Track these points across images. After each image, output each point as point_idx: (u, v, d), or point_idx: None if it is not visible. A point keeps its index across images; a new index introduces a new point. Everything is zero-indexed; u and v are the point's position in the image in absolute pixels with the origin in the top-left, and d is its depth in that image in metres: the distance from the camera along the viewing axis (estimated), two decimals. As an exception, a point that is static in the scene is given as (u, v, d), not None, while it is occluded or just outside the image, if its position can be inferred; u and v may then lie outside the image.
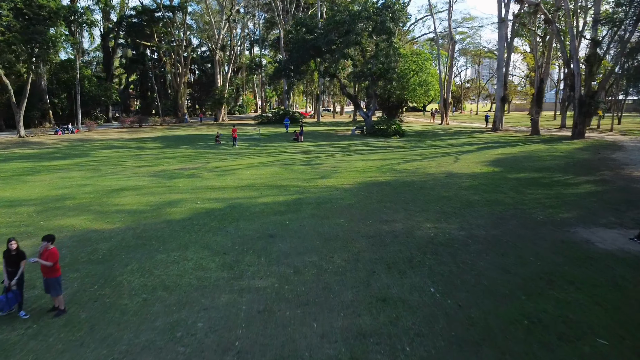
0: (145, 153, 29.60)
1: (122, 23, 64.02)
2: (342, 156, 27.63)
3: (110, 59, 68.75)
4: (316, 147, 32.80)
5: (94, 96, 61.37)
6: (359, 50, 43.27)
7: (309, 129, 50.80)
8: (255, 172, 21.71)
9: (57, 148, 33.11)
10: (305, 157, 26.96)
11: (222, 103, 68.46)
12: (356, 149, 31.69)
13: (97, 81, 63.94)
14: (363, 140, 38.12)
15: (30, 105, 53.92)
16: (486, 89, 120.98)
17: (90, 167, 23.86)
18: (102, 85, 62.92)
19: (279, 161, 25.37)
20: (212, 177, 20.39)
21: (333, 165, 23.72)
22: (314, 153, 29.17)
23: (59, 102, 57.69)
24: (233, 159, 26.58)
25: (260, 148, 32.04)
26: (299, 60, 40.97)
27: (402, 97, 58.88)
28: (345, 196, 16.22)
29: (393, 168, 22.87)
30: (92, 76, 63.76)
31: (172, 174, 21.35)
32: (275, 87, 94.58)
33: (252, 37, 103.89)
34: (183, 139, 39.65)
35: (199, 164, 24.43)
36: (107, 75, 68.82)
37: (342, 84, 43.74)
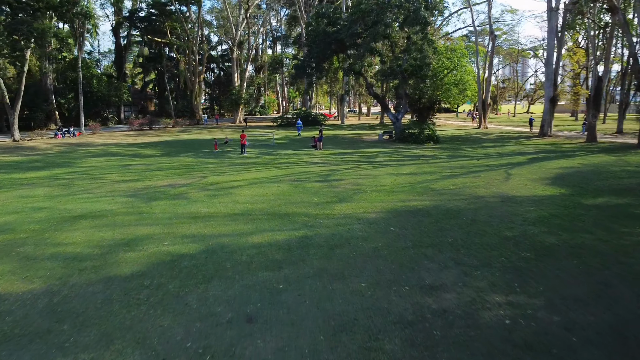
0: (138, 162, 26.10)
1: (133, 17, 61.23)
2: (367, 168, 23.50)
3: (122, 57, 66.35)
4: (337, 156, 28.74)
5: (103, 96, 58.86)
6: (387, 44, 39.04)
7: (331, 133, 46.80)
8: (257, 191, 17.79)
9: (44, 155, 30.01)
10: (322, 170, 22.93)
11: (239, 104, 65.14)
12: (384, 158, 27.49)
13: (107, 80, 61.46)
14: (392, 147, 33.87)
15: (34, 106, 51.76)
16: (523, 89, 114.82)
17: (64, 181, 20.40)
18: (113, 85, 60.35)
19: (290, 175, 21.41)
20: (202, 198, 16.56)
21: (355, 182, 19.62)
22: (333, 164, 25.11)
23: (66, 102, 55.32)
24: (236, 172, 22.75)
25: (272, 157, 28.17)
26: (320, 56, 37.03)
27: (435, 97, 54.34)
28: (369, 233, 12.10)
29: (430, 187, 18.61)
30: (102, 75, 61.31)
31: (155, 193, 17.62)
32: (298, 86, 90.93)
33: (274, 34, 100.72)
34: (188, 144, 36.18)
35: (193, 179, 20.68)
36: (119, 74, 66.42)
37: (368, 83, 39.52)
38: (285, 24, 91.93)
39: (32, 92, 52.44)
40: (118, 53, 66.02)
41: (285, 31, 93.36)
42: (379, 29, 32.86)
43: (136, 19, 61.56)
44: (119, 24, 62.75)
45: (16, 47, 31.87)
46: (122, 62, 66.70)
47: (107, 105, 62.43)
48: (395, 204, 15.50)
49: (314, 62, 38.63)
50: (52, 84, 54.26)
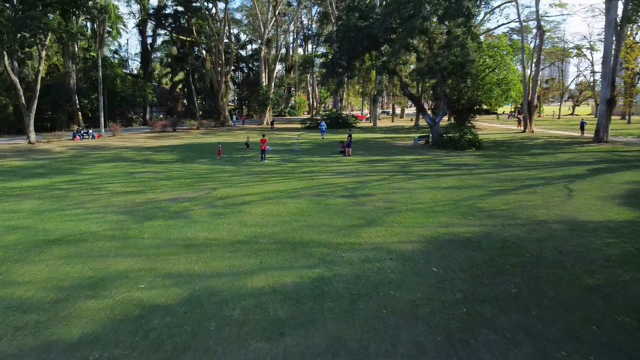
0: (147, 170, 24.09)
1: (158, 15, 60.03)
2: (401, 180, 20.71)
3: (148, 56, 65.40)
4: (367, 164, 26.02)
5: (127, 96, 57.86)
6: (424, 40, 36.10)
7: (362, 137, 44.08)
8: (271, 209, 15.32)
9: (52, 160, 28.46)
10: (349, 182, 20.28)
11: (266, 105, 63.15)
12: (420, 168, 24.62)
13: (132, 80, 60.50)
14: (429, 153, 30.89)
15: (56, 106, 51.07)
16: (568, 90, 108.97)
17: (59, 192, 18.46)
18: (137, 85, 59.30)
19: (311, 188, 18.85)
20: (204, 218, 14.21)
21: (387, 198, 16.90)
22: (362, 174, 22.42)
23: (89, 102, 54.48)
24: (251, 183, 20.36)
25: (294, 165, 25.69)
26: (351, 53, 34.42)
27: (475, 98, 50.85)
28: (404, 275, 9.43)
29: (477, 206, 15.73)
30: (127, 75, 60.40)
31: (154, 209, 15.39)
32: (329, 87, 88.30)
33: (306, 33, 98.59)
34: (207, 149, 34.15)
35: (202, 191, 18.39)
36: (145, 74, 65.50)
37: (403, 82, 36.61)
38: (316, 22, 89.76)
39: (54, 92, 51.87)
40: (144, 52, 65.14)
41: (317, 29, 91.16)
42: (416, 23, 29.98)
43: (161, 16, 60.31)
44: (144, 22, 61.79)
45: (24, 44, 30.49)
46: (148, 62, 65.77)
47: (132, 105, 61.46)
48: (436, 230, 12.73)
49: (344, 60, 36.03)
50: (75, 84, 53.46)
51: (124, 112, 62.51)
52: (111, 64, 57.32)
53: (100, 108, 45.83)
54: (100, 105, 45.85)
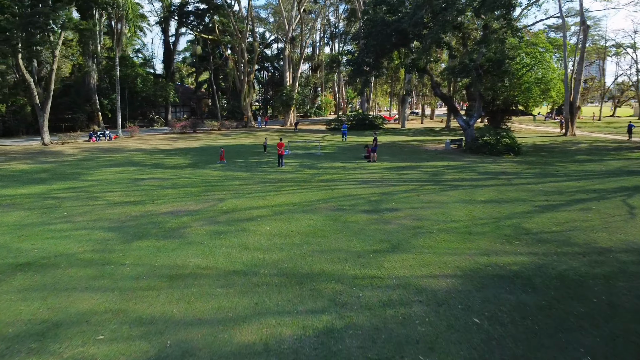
0: (154, 176, 22.54)
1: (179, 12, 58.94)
2: (432, 191, 18.50)
3: (170, 55, 64.53)
4: (393, 171, 23.84)
5: (147, 96, 57.06)
6: (458, 36, 33.68)
7: (389, 139, 41.83)
8: (281, 227, 13.40)
9: (59, 163, 27.29)
10: (372, 193, 18.17)
11: (290, 105, 61.40)
12: (453, 176, 22.30)
13: (153, 80, 59.70)
14: (462, 159, 28.48)
15: (75, 107, 50.50)
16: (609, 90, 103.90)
17: (52, 202, 16.99)
18: (158, 85, 58.44)
19: (330, 201, 16.84)
20: (202, 237, 12.38)
21: (415, 214, 14.76)
22: (388, 184, 20.26)
23: (109, 102, 53.81)
24: (264, 193, 18.47)
25: (314, 172, 23.72)
26: (378, 50, 32.25)
27: (511, 98, 47.95)
28: (438, 331, 7.36)
29: (522, 226, 13.46)
30: (148, 74, 59.62)
31: (148, 225, 13.67)
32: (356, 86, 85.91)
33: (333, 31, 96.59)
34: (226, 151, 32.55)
35: (207, 203, 16.62)
36: (167, 73, 64.68)
37: (434, 82, 34.18)
38: (344, 19, 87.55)
39: (74, 92, 51.39)
40: (166, 51, 64.26)
41: (344, 27, 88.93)
42: (449, 16, 27.65)
43: (183, 14, 59.19)
44: (166, 20, 60.91)
45: (32, 41, 29.38)
46: (170, 61, 64.88)
47: (153, 106, 60.70)
48: (476, 260, 10.57)
49: (371, 57, 33.89)
50: (95, 84, 52.87)
51: (145, 112, 61.86)
52: (132, 64, 56.58)
53: (118, 108, 44.89)
54: (118, 105, 44.92)
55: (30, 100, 37.30)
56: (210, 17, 58.37)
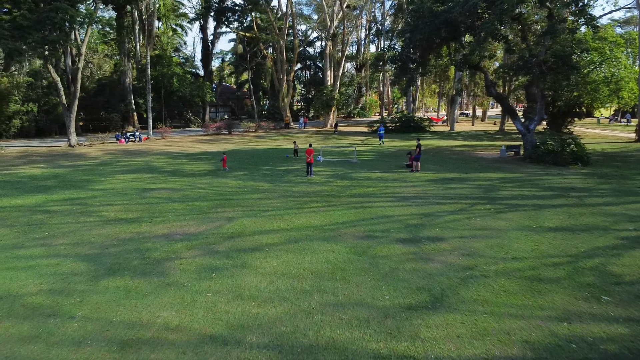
0: (166, 185, 20.41)
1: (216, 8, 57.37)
2: (486, 213, 15.31)
3: (208, 54, 63.34)
4: (439, 184, 20.65)
5: (184, 96, 55.90)
6: (516, 28, 29.98)
7: (436, 144, 38.42)
8: (291, 262, 10.73)
9: (74, 168, 25.80)
10: (412, 215, 15.18)
11: (330, 105, 58.77)
12: (511, 193, 18.92)
13: (190, 79, 58.55)
14: (521, 170, 24.88)
15: (110, 107, 49.86)
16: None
17: (40, 217, 15.06)
18: (195, 84, 57.20)
19: (358, 224, 14.00)
20: (187, 277, 9.88)
21: (465, 247, 11.73)
22: (431, 201, 17.17)
23: (144, 102, 52.97)
24: (282, 210, 15.83)
25: (345, 184, 20.86)
26: (424, 44, 29.09)
27: (575, 99, 43.45)
28: None
29: (608, 270, 10.23)
30: (186, 73, 58.50)
31: (131, 253, 11.36)
32: (401, 86, 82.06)
33: (379, 28, 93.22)
34: (254, 156, 30.39)
35: (213, 222, 14.17)
36: (205, 73, 63.55)
37: (488, 80, 30.49)
38: (390, 16, 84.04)
39: (108, 91, 50.81)
40: (204, 50, 63.12)
41: (390, 24, 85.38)
42: (508, 5, 24.15)
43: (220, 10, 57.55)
44: (204, 18, 59.61)
45: (47, 38, 28.02)
46: (209, 60, 63.69)
47: (190, 106, 59.58)
48: (551, 330, 7.54)
49: (417, 53, 30.77)
50: (131, 83, 52.11)
51: (182, 112, 60.90)
52: (169, 62, 55.57)
53: (149, 109, 43.65)
54: (149, 105, 43.68)
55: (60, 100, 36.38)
56: (248, 13, 56.55)
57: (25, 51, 27.98)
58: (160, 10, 41.87)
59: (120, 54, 52.04)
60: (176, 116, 61.11)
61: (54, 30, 27.48)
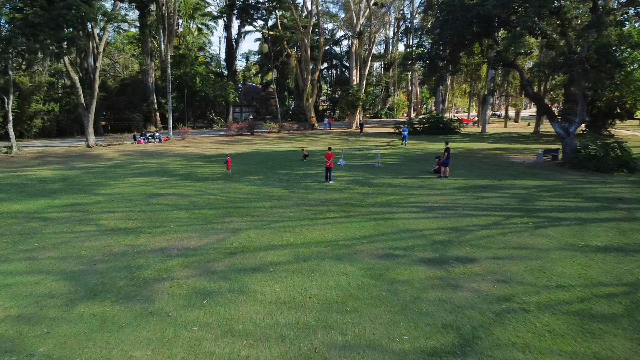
0: (175, 191, 19.33)
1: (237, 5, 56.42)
2: (523, 227, 13.59)
3: (232, 54, 62.66)
4: (470, 192, 18.92)
5: (206, 96, 55.26)
6: (555, 23, 27.93)
7: (467, 146, 36.50)
8: (296, 287, 9.37)
9: (85, 171, 25.11)
10: (439, 229, 13.60)
11: (356, 105, 57.22)
12: (551, 203, 17.08)
13: (214, 79, 57.89)
14: (560, 177, 22.89)
15: (132, 107, 49.55)
16: None
17: (34, 225, 14.12)
18: (218, 84, 56.51)
19: (377, 239, 12.52)
20: (174, 304, 8.62)
21: (499, 272, 10.14)
22: (460, 212, 15.52)
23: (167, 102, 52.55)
24: (294, 222, 14.46)
25: (367, 191, 19.35)
26: (455, 41, 27.34)
27: (615, 99, 40.77)
28: None
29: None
30: (209, 73, 57.86)
31: (119, 270, 10.22)
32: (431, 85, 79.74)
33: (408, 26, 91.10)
34: (272, 159, 29.23)
35: (217, 234, 12.93)
36: (229, 72, 62.87)
37: (524, 79, 28.40)
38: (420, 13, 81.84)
39: (130, 91, 50.51)
40: (228, 49, 62.45)
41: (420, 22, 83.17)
42: (547, -2, 22.26)
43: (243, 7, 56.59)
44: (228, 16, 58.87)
45: (59, 36, 27.27)
46: (232, 59, 63.01)
47: (212, 106, 58.95)
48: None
49: (447, 50, 29.03)
50: (153, 83, 51.70)
51: (205, 112, 60.37)
52: (192, 62, 54.99)
53: (169, 109, 42.99)
54: (169, 105, 43.01)
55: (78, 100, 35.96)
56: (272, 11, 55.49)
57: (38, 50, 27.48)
58: (181, 8, 41.17)
59: (143, 53, 51.72)
60: (199, 116, 60.63)
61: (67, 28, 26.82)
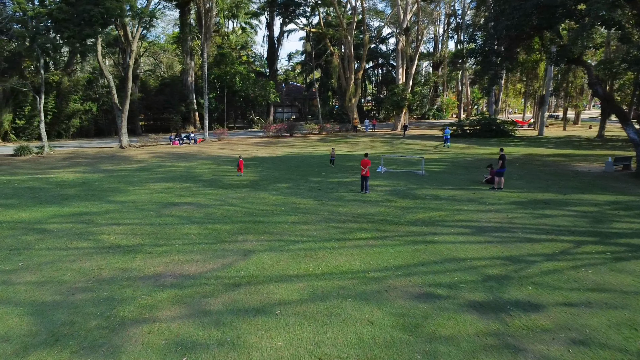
0: (193, 200, 17.70)
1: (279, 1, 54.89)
2: (598, 259, 10.95)
3: (274, 52, 61.37)
4: (528, 209, 16.22)
5: (246, 96, 54.15)
6: (630, 12, 24.62)
7: (524, 152, 33.38)
8: (304, 342, 7.32)
9: (109, 174, 24.09)
10: (491, 258, 11.18)
11: (401, 106, 54.55)
12: (630, 225, 14.16)
13: (254, 78, 56.72)
14: (637, 191, 19.71)
15: (170, 106, 49.02)
16: None
17: (31, 237, 12.81)
18: (258, 83, 55.29)
19: (414, 272, 10.27)
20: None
21: (573, 322, 7.74)
22: (519, 236, 12.94)
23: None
24: (317, 244, 12.38)
25: (408, 204, 17.00)
26: (512, 33, 24.54)
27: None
28: None
29: None
30: (249, 72, 56.72)
31: (101, 303, 8.54)
32: (482, 85, 75.72)
33: (459, 22, 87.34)
34: (307, 164, 27.44)
35: (223, 259, 11.08)
36: (270, 71, 61.63)
37: (592, 77, 25.08)
38: (472, 9, 78.01)
39: (168, 91, 50.01)
40: (270, 48, 61.21)
41: (471, 19, 79.25)
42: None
43: (284, 3, 54.94)
44: (269, 12, 57.56)
45: (84, 33, 26.29)
46: (274, 58, 61.73)
47: (253, 106, 57.82)
48: None
49: (503, 44, 26.24)
50: (193, 82, 51.01)
51: (245, 112, 59.38)
52: (232, 61, 53.97)
53: (205, 109, 41.90)
54: (205, 106, 41.93)
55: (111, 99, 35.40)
56: (315, 8, 53.73)
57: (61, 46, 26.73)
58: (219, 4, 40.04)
59: (183, 52, 51.15)
60: (239, 116, 59.73)
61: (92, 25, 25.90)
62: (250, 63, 68.12)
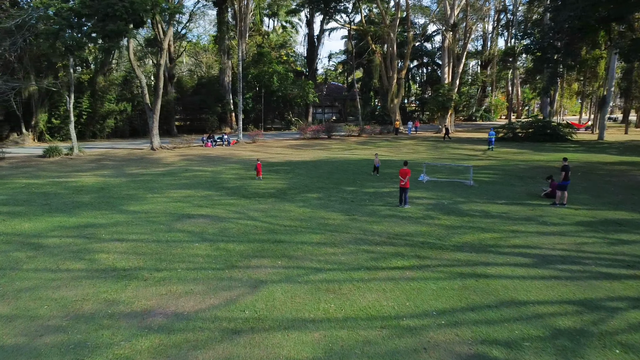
0: (210, 212, 16.08)
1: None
2: None
3: (314, 51, 59.79)
4: (600, 232, 13.63)
5: (284, 96, 52.76)
6: None
7: (584, 158, 30.24)
8: None
9: (131, 178, 23.01)
10: (561, 301, 8.90)
11: (447, 107, 51.72)
12: None
13: (293, 78, 55.28)
14: None
15: (205, 107, 48.20)
16: None
17: (22, 254, 11.56)
18: (296, 83, 53.81)
19: (460, 321, 8.16)
20: None
21: None
22: (591, 270, 10.52)
23: (244, 102, 50.73)
24: (343, 273, 10.43)
25: (453, 222, 14.72)
26: (575, 26, 21.81)
27: None
28: None
29: None
30: (287, 72, 55.30)
31: (72, 348, 6.91)
32: (535, 85, 71.72)
33: (510, 18, 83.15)
34: (342, 170, 25.55)
35: (228, 291, 9.33)
36: (310, 71, 60.09)
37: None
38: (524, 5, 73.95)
39: (204, 91, 49.24)
40: (310, 46, 59.69)
41: (523, 15, 75.14)
42: None
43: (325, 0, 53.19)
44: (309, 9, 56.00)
45: (107, 29, 25.15)
46: (314, 57, 60.15)
47: (291, 106, 56.42)
48: None
49: (563, 39, 23.52)
50: (229, 82, 50.04)
51: (282, 113, 58.10)
52: (270, 60, 52.67)
53: (239, 110, 40.69)
54: (240, 106, 40.71)
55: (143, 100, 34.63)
56: (357, 4, 51.70)
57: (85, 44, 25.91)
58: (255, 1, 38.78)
59: (220, 52, 50.26)
60: (277, 117, 58.51)
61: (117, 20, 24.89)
62: (290, 62, 66.89)
